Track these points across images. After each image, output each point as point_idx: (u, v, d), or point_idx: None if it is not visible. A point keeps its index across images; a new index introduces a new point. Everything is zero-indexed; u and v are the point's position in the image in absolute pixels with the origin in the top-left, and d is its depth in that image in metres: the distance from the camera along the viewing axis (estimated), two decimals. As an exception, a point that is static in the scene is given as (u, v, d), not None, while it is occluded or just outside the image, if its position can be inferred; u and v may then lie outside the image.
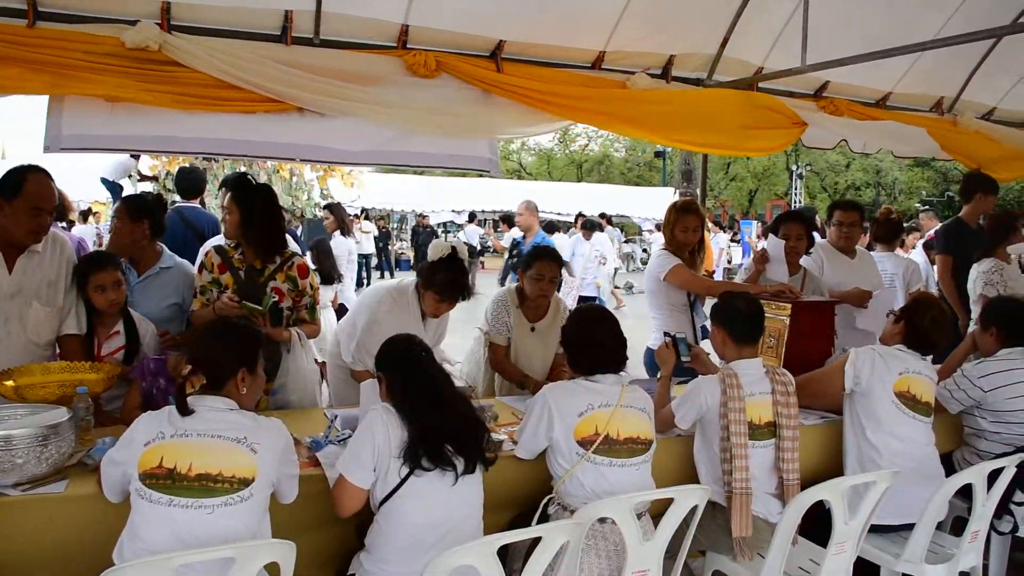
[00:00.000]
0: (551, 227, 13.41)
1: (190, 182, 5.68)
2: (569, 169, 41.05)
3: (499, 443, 3.14)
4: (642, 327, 5.10)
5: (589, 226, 12.00)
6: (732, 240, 21.60)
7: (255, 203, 3.68)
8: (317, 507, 2.73)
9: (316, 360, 4.12)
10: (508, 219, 14.88)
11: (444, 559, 2.17)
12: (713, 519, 3.11)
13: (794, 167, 29.58)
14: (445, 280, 3.76)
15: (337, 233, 7.59)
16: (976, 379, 3.82)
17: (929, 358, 3.79)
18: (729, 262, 19.82)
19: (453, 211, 26.57)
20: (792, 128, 5.06)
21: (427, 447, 2.56)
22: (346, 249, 7.91)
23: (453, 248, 3.79)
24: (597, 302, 11.63)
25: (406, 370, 2.73)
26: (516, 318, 4.27)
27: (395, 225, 28.77)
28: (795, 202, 28.01)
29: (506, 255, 12.08)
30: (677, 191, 21.66)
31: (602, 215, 18.09)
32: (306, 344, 3.89)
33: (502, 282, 7.06)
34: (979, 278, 5.30)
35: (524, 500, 3.11)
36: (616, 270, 15.68)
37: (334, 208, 7.88)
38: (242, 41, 3.91)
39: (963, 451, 4.02)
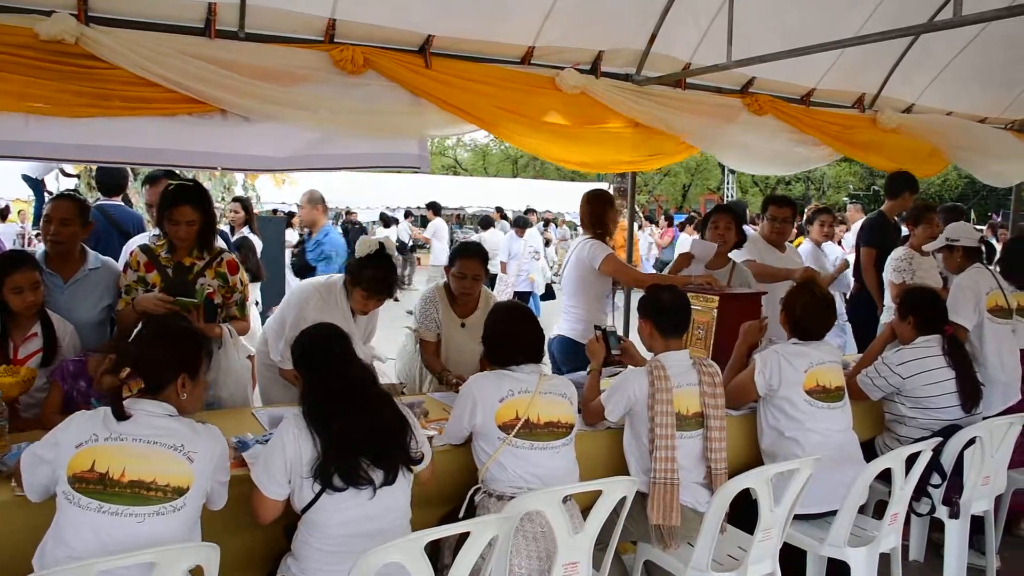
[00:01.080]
0: (487, 222, 13.41)
1: (112, 179, 5.51)
2: (505, 165, 41.10)
3: (428, 439, 3.13)
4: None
5: (522, 223, 12.07)
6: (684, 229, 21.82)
7: (209, 207, 3.66)
8: (245, 508, 2.67)
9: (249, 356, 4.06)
10: (435, 207, 14.91)
11: (370, 558, 2.15)
12: (643, 510, 3.15)
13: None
14: (373, 277, 3.73)
15: (245, 229, 7.33)
16: (895, 366, 3.94)
17: (841, 340, 3.88)
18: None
19: (387, 207, 26.33)
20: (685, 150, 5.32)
21: (339, 464, 2.50)
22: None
23: (380, 244, 3.77)
24: (531, 297, 11.77)
25: (323, 368, 2.66)
26: (445, 314, 4.26)
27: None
28: (728, 196, 28.48)
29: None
30: (611, 186, 21.83)
31: (529, 210, 18.13)
32: (237, 341, 3.83)
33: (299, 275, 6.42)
34: (889, 264, 5.54)
35: (455, 495, 3.11)
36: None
37: (244, 203, 7.63)
38: (164, 34, 3.79)
39: (884, 437, 4.14)
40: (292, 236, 17.58)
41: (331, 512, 2.51)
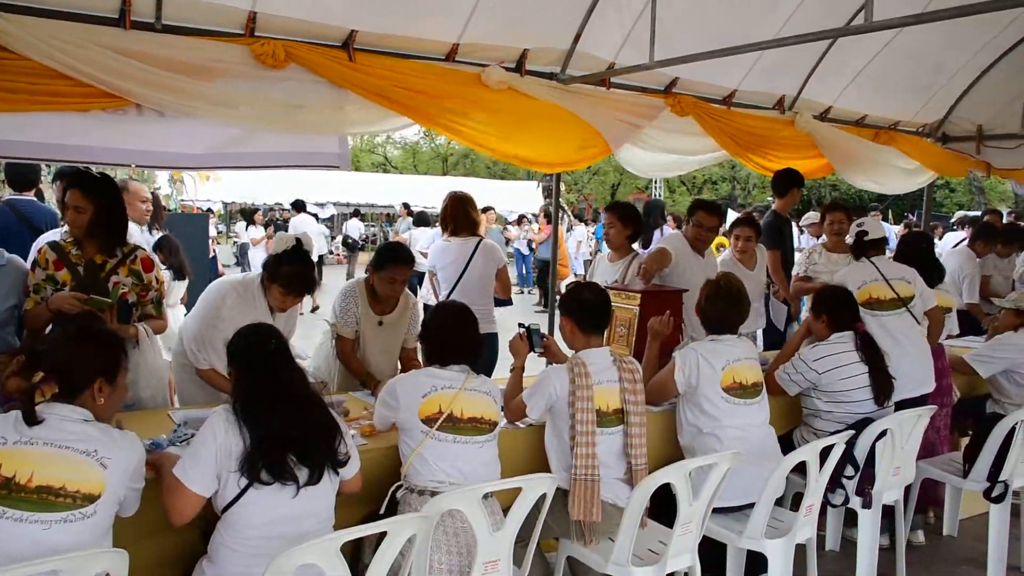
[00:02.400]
0: (422, 219, 13.34)
1: (22, 174, 5.31)
2: (435, 163, 40.93)
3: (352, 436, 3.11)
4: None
5: (423, 220, 12.12)
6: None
7: (106, 197, 3.52)
8: (158, 513, 2.59)
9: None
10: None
11: (285, 559, 2.12)
12: (565, 507, 3.17)
13: (654, 161, 30.41)
14: (290, 273, 3.68)
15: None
16: (811, 362, 4.05)
17: (750, 334, 3.95)
18: (592, 254, 20.20)
19: (316, 204, 26.01)
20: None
21: (266, 459, 2.46)
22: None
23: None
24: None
25: (254, 366, 2.63)
26: (364, 311, 4.23)
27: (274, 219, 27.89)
28: (655, 196, 28.86)
29: None
30: (540, 184, 21.93)
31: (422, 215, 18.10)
32: (154, 340, 3.73)
33: None
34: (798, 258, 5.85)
35: (380, 495, 3.08)
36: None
37: (154, 199, 7.42)
38: (76, 24, 3.67)
39: (802, 430, 4.25)
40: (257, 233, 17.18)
41: (252, 512, 2.47)
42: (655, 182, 29.44)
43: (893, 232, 14.24)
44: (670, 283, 4.79)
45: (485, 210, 13.92)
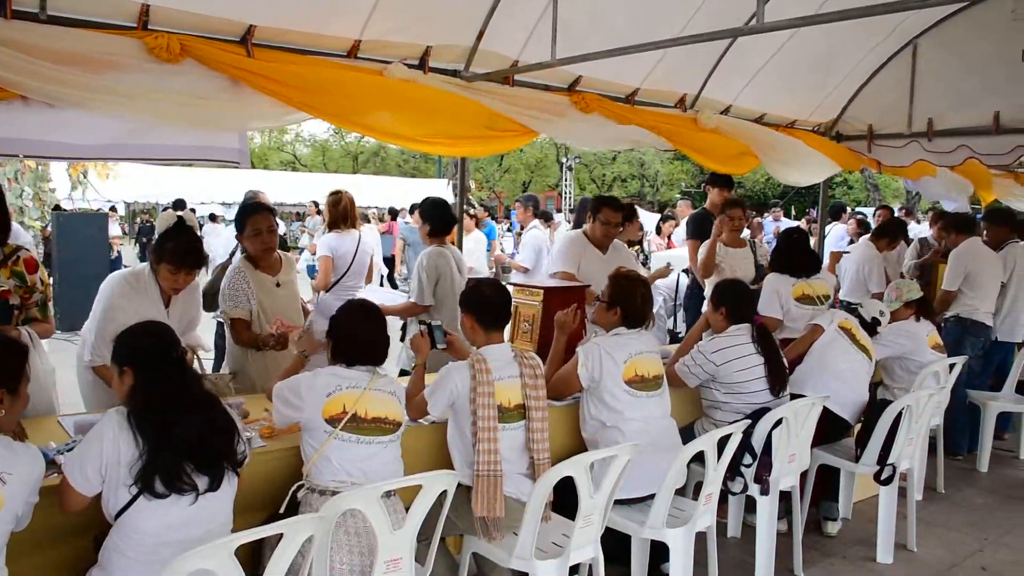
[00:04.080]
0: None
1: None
2: (345, 160, 40.44)
3: (248, 439, 3.05)
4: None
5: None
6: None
7: None
8: (48, 521, 2.51)
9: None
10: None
11: (178, 565, 2.06)
12: (468, 503, 3.17)
13: (564, 159, 30.78)
14: (176, 248, 3.62)
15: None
16: (709, 354, 4.15)
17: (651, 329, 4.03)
18: (502, 251, 20.25)
19: (223, 203, 25.42)
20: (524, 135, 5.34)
21: (163, 471, 2.39)
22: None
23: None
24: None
25: (147, 368, 2.53)
26: (257, 280, 4.16)
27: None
28: (566, 193, 29.16)
29: None
30: (450, 182, 21.89)
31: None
32: (38, 344, 3.58)
33: None
34: None
35: (282, 497, 3.03)
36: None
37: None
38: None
39: (702, 422, 4.35)
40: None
41: (147, 518, 2.40)
42: (565, 180, 29.74)
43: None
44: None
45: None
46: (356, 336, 3.09)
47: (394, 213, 16.18)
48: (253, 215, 4.19)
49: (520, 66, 5.22)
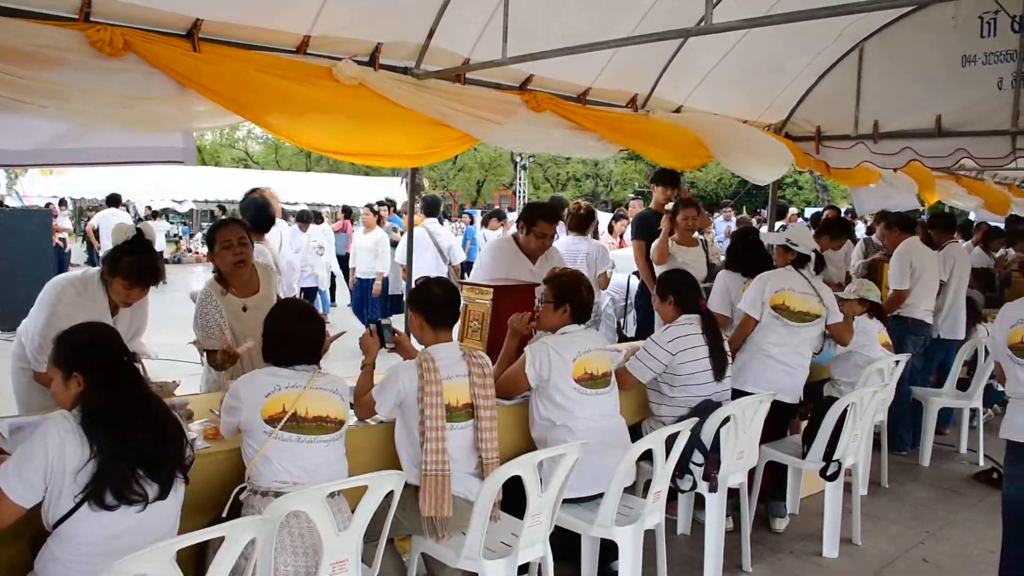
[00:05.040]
0: (305, 217, 13.00)
1: None
2: (298, 158, 39.94)
3: (191, 441, 2.99)
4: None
5: (305, 218, 11.88)
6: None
7: None
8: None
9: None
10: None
11: (116, 569, 2.01)
12: (416, 503, 3.15)
13: (518, 159, 30.81)
14: (132, 263, 3.52)
15: None
16: (665, 344, 4.16)
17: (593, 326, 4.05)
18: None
19: (173, 200, 25.04)
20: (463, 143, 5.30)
21: (113, 481, 2.31)
22: None
23: (138, 230, 3.57)
24: (318, 292, 11.58)
25: (99, 374, 2.45)
26: (226, 305, 4.04)
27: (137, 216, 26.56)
28: (520, 193, 29.18)
29: None
30: (404, 181, 21.74)
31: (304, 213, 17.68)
32: None
33: None
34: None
35: (223, 498, 2.97)
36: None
37: None
38: None
39: (650, 420, 4.37)
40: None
41: (89, 528, 2.32)
42: (519, 179, 29.76)
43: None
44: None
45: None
46: (291, 335, 3.05)
47: (348, 212, 16.00)
48: (221, 228, 4.07)
49: (472, 64, 5.19)
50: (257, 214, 5.55)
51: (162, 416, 2.53)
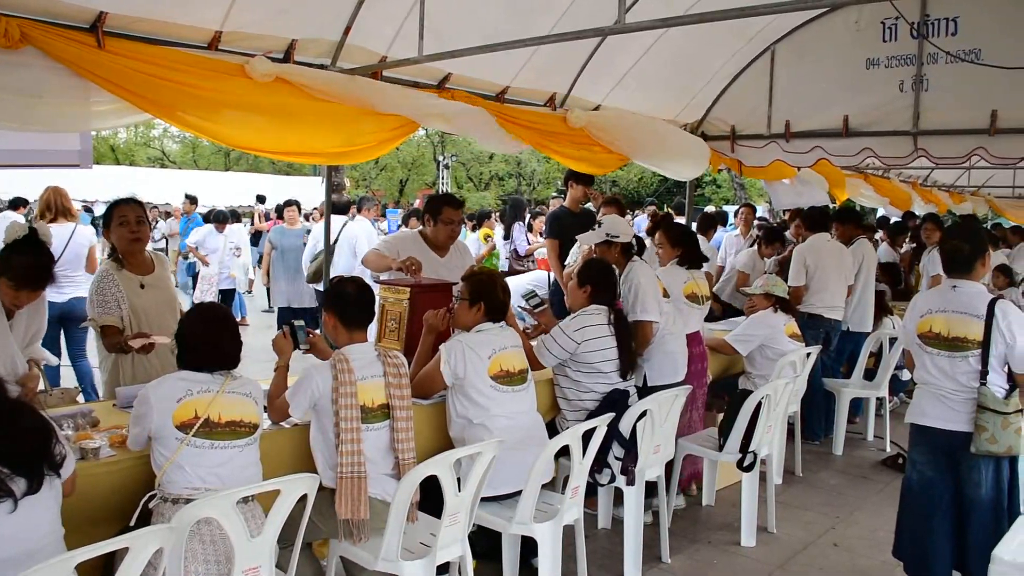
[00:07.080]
0: (221, 217, 12.70)
1: None
2: (216, 157, 39.06)
3: (96, 449, 2.91)
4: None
5: (221, 218, 11.61)
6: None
7: None
8: None
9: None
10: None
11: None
12: (331, 506, 3.11)
13: (441, 158, 30.74)
14: (24, 264, 3.37)
15: None
16: (572, 332, 4.19)
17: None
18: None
19: (84, 201, 24.18)
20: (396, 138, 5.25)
21: None
22: None
23: (32, 229, 3.43)
24: (235, 295, 11.35)
25: None
26: (124, 281, 3.94)
27: (32, 217, 25.53)
28: (442, 191, 29.11)
29: None
30: (324, 180, 21.50)
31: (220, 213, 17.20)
32: None
33: None
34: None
35: (132, 507, 2.89)
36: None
37: None
38: None
39: (561, 415, 4.40)
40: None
41: None
42: (442, 178, 29.70)
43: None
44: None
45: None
46: (203, 340, 2.98)
47: (280, 210, 15.63)
48: (119, 205, 4.02)
49: (388, 62, 5.16)
50: None
51: (16, 408, 2.41)
